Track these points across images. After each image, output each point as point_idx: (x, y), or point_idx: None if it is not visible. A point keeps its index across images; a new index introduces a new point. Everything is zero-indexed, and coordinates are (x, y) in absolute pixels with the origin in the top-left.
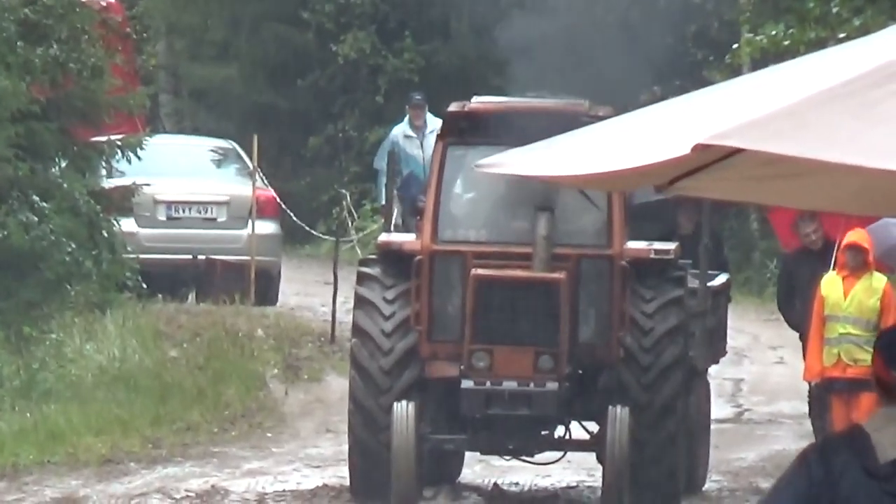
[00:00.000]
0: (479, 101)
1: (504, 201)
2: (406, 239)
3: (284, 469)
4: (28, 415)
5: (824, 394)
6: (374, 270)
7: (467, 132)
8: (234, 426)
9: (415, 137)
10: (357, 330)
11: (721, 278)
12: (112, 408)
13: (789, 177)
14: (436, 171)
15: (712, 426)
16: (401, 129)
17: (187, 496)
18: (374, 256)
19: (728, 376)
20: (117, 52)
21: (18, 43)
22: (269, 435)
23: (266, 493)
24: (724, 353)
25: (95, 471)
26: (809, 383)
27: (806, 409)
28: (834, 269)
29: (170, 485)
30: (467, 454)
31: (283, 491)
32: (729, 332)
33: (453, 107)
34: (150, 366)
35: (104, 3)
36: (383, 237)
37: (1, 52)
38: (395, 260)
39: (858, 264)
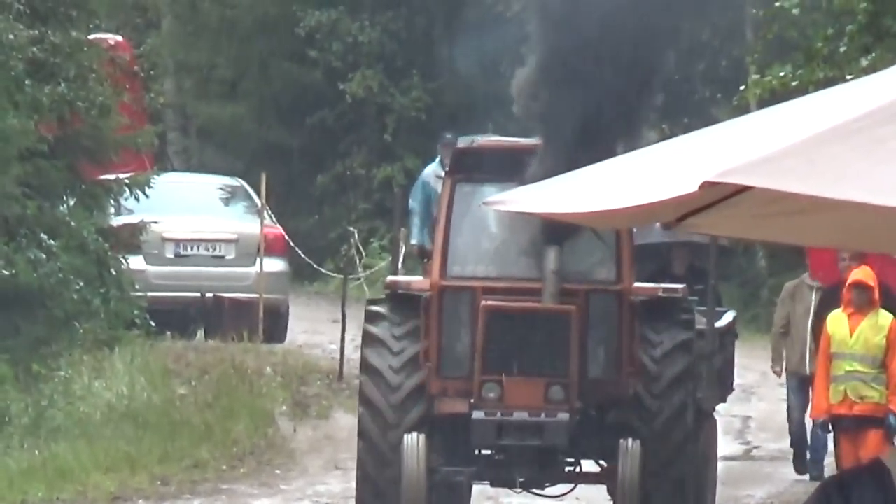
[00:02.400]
0: (486, 139)
1: (512, 237)
2: (414, 279)
3: None
4: (36, 452)
5: (822, 432)
6: (382, 309)
7: (475, 169)
8: (242, 463)
9: None
10: (366, 366)
11: (728, 316)
12: (120, 445)
13: (797, 214)
14: (444, 208)
15: (720, 463)
16: (432, 169)
17: None
18: (382, 297)
19: (736, 413)
20: (125, 91)
21: (26, 81)
22: (277, 472)
23: None
24: (731, 390)
25: None
26: (813, 421)
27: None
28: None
29: None
30: (475, 490)
31: None
32: (737, 369)
33: (461, 144)
34: (158, 403)
35: (112, 42)
36: (391, 278)
37: (9, 91)
38: (403, 300)
39: (864, 302)
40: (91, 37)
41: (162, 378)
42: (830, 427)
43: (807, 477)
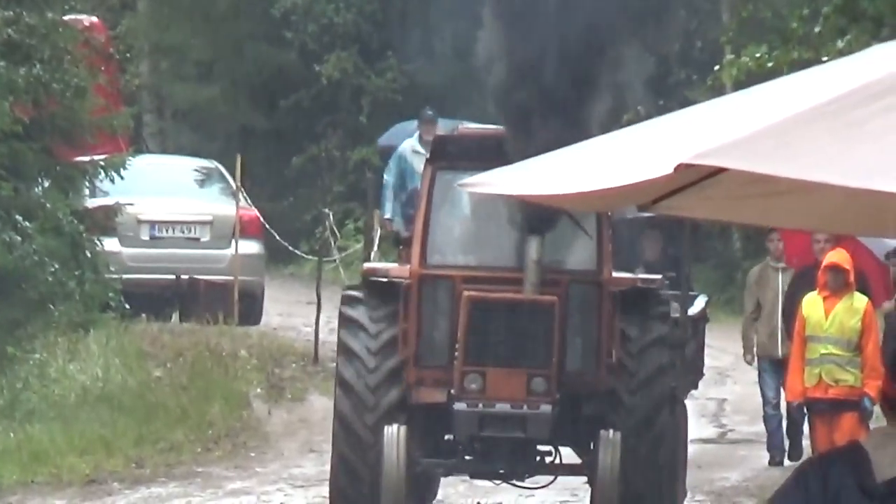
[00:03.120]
0: (468, 126)
1: (493, 226)
2: (391, 266)
3: (268, 489)
4: (11, 435)
5: (801, 415)
6: (359, 293)
7: (456, 157)
8: (217, 446)
9: (423, 154)
10: (342, 348)
11: (700, 302)
12: (95, 428)
13: (773, 196)
14: (424, 196)
15: (695, 446)
16: (409, 144)
17: None
18: (358, 284)
19: (711, 396)
20: (100, 72)
21: (1, 63)
22: (252, 455)
23: None
24: (702, 375)
25: (79, 491)
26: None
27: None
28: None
29: None
30: (449, 478)
31: None
32: (712, 351)
33: (441, 132)
34: (133, 386)
35: (87, 23)
36: (368, 265)
37: None
38: (380, 287)
39: (839, 285)
40: (66, 18)
41: (137, 361)
42: (805, 410)
43: (786, 463)
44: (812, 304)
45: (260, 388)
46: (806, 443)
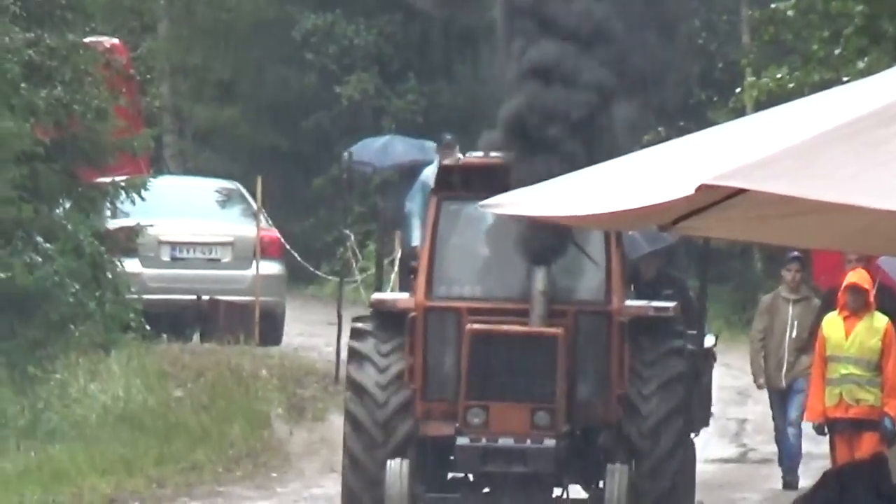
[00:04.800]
0: (473, 156)
1: (499, 256)
2: (400, 297)
3: None
4: (32, 454)
5: (822, 434)
6: (367, 326)
7: (461, 187)
8: (238, 466)
9: None
10: (351, 383)
11: (709, 340)
12: (116, 448)
13: (793, 216)
14: (430, 227)
15: (716, 466)
16: (431, 171)
17: None
18: (367, 315)
19: (731, 416)
20: (121, 94)
21: (22, 84)
22: (273, 475)
23: None
24: (707, 423)
25: None
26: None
27: (810, 447)
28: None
29: None
30: None
31: None
32: (732, 371)
33: (447, 161)
34: (154, 406)
35: (108, 45)
36: (376, 296)
37: (5, 94)
38: (389, 318)
39: (859, 305)
40: (87, 40)
41: (158, 381)
42: (826, 430)
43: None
44: (832, 325)
45: (281, 408)
46: (826, 462)
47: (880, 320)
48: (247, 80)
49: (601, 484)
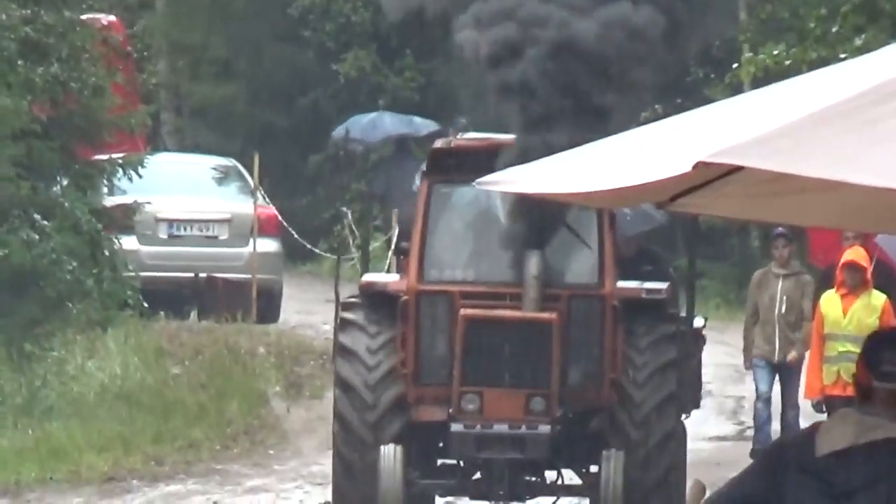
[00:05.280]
0: (465, 138)
1: (492, 240)
2: (390, 279)
3: (286, 486)
4: (30, 432)
5: (820, 412)
6: (357, 316)
7: (453, 169)
8: (236, 443)
9: None
10: (339, 381)
11: (698, 322)
12: (114, 425)
13: (790, 194)
14: (421, 210)
15: (713, 444)
16: None
17: None
18: (356, 299)
19: (729, 394)
20: (118, 71)
21: (19, 62)
22: (271, 452)
23: None
24: (697, 405)
25: (97, 488)
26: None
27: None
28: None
29: (172, 502)
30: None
31: None
32: (730, 349)
33: (438, 143)
34: (151, 383)
35: (105, 22)
36: (366, 277)
37: (2, 71)
38: (378, 302)
39: (857, 283)
40: (84, 17)
41: (155, 358)
42: (824, 408)
43: None
44: (830, 302)
45: (278, 385)
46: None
47: (878, 298)
48: (244, 57)
49: (594, 469)
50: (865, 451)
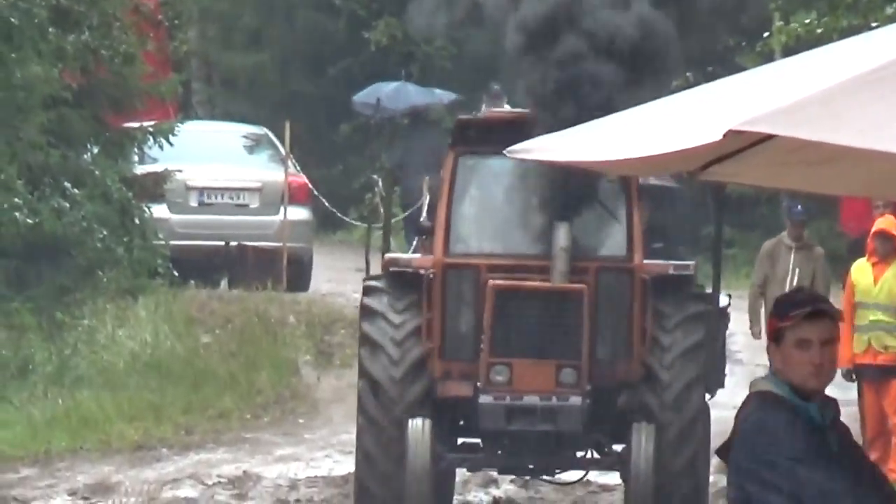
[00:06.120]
0: (491, 110)
1: (519, 212)
2: (414, 256)
3: (316, 455)
4: (60, 401)
5: (850, 381)
6: (381, 284)
7: (479, 141)
8: (266, 412)
9: None
10: (365, 339)
11: (723, 300)
12: (144, 394)
13: (820, 163)
14: (447, 183)
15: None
16: None
17: (219, 482)
18: (377, 283)
19: (760, 362)
20: (149, 39)
21: (50, 29)
22: (301, 421)
23: (298, 479)
24: (722, 384)
25: (128, 457)
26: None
27: (837, 394)
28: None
29: (202, 471)
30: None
31: (315, 477)
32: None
33: (464, 115)
34: (182, 352)
35: None
36: (389, 255)
37: (33, 39)
38: (402, 279)
39: (888, 251)
40: None
41: (186, 327)
42: (854, 377)
43: None
44: (861, 271)
45: (308, 354)
46: (853, 409)
47: None
48: (275, 25)
49: (621, 446)
50: None
